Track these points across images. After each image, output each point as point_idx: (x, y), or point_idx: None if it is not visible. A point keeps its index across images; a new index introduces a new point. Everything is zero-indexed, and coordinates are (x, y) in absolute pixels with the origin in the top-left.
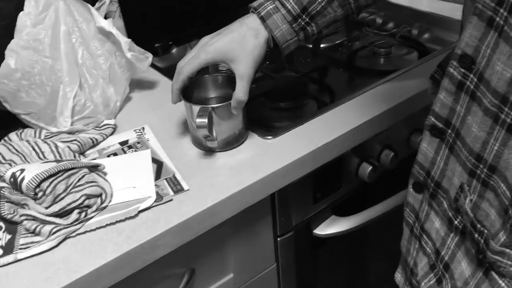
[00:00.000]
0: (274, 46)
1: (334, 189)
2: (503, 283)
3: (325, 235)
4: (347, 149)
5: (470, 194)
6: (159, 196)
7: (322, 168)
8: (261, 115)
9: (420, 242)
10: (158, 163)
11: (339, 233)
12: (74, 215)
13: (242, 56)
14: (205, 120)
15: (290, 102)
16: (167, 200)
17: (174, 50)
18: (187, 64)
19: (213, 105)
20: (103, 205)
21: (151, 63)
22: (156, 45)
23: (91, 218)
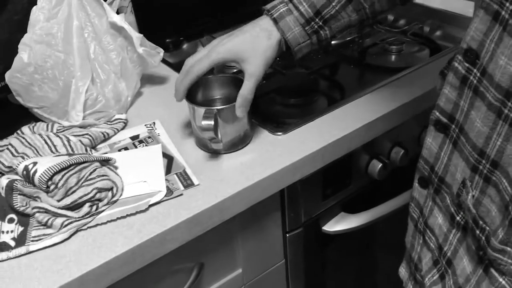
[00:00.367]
0: (286, 49)
1: (344, 186)
2: (503, 281)
3: (334, 231)
4: (357, 146)
5: (472, 190)
6: (169, 191)
7: (331, 165)
8: (271, 111)
9: (424, 237)
10: (169, 158)
11: (348, 230)
12: (85, 208)
13: (254, 57)
14: (211, 122)
15: (301, 98)
16: (177, 195)
17: (185, 45)
18: (197, 63)
19: (218, 106)
20: (114, 199)
21: (162, 59)
22: (167, 40)
23: (102, 211)
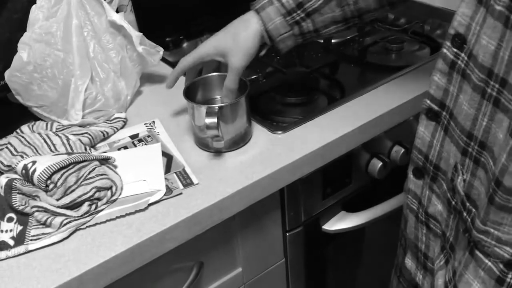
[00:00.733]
0: (271, 42)
1: (344, 185)
2: (489, 262)
3: (334, 230)
4: (357, 145)
5: (463, 173)
6: (168, 190)
7: (331, 164)
8: (271, 110)
9: (428, 226)
10: (168, 157)
11: (348, 229)
12: (84, 207)
13: (235, 49)
14: (215, 120)
15: (301, 97)
16: (176, 194)
17: (185, 44)
18: (184, 58)
19: (220, 104)
20: (113, 198)
21: (162, 57)
22: (167, 39)
23: (101, 210)
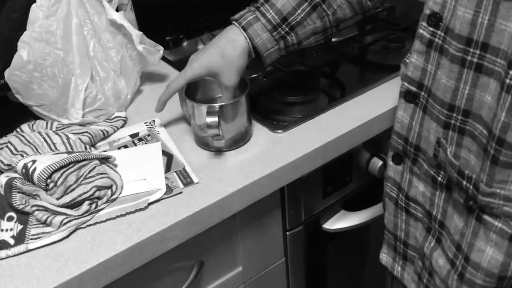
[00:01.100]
0: (256, 55)
1: (344, 183)
2: (499, 223)
3: (335, 229)
4: (358, 144)
5: (448, 145)
6: (169, 189)
7: (332, 163)
8: (272, 109)
9: (407, 211)
10: (168, 156)
11: (349, 228)
12: (84, 206)
13: (225, 69)
14: (216, 119)
15: (301, 96)
16: (176, 193)
17: (185, 43)
18: (174, 80)
19: (220, 103)
20: (113, 197)
21: (162, 56)
22: (167, 38)
23: (101, 209)
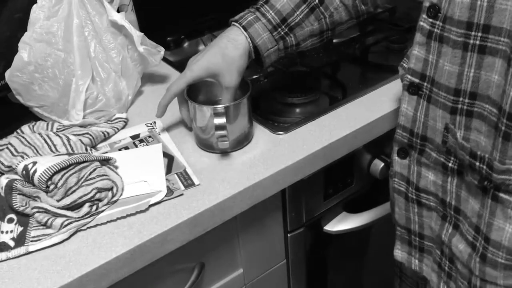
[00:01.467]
0: (255, 56)
1: (346, 185)
2: None
3: (336, 231)
4: (359, 146)
5: (457, 130)
6: (169, 191)
7: (333, 165)
8: (273, 110)
9: (419, 203)
10: (169, 157)
11: (350, 230)
12: (85, 208)
13: (226, 69)
14: (224, 120)
15: (302, 97)
16: (177, 195)
17: (186, 44)
18: (174, 83)
19: (225, 104)
20: (114, 199)
21: (163, 57)
22: (168, 39)
23: (102, 211)
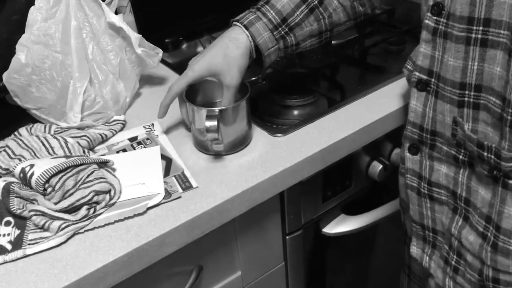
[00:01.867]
0: (256, 55)
1: (344, 187)
2: None
3: (334, 234)
4: (358, 148)
5: (465, 122)
6: (167, 193)
7: (332, 167)
8: (271, 112)
9: (431, 197)
10: (167, 160)
11: (348, 232)
12: (83, 211)
13: (227, 69)
14: (215, 123)
15: (301, 99)
16: (175, 197)
17: (184, 45)
18: (175, 83)
19: (220, 107)
20: (111, 202)
21: (161, 59)
22: (167, 40)
23: (99, 214)
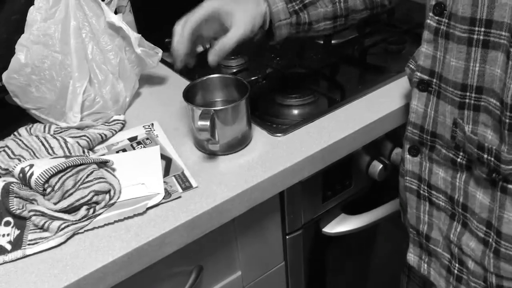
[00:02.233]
0: (269, 25)
1: (344, 187)
2: None
3: (334, 233)
4: (358, 147)
5: (465, 124)
6: (167, 193)
7: (332, 166)
8: (271, 112)
9: (430, 201)
10: (167, 160)
11: (349, 231)
12: (82, 211)
13: (243, 15)
14: (207, 123)
15: (300, 99)
16: (175, 197)
17: None
18: (190, 15)
19: (216, 107)
20: (111, 202)
21: (161, 59)
22: (166, 40)
23: (99, 214)
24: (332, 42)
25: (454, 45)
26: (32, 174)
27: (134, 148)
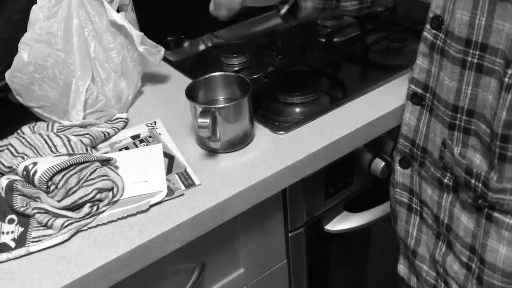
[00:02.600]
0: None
1: (346, 185)
2: (510, 220)
3: (337, 231)
4: (360, 145)
5: (454, 146)
6: (170, 191)
7: (334, 164)
8: (273, 110)
9: (421, 216)
10: (170, 157)
11: (351, 229)
12: (85, 208)
13: None
14: (207, 121)
15: (302, 96)
16: (178, 195)
17: (186, 43)
18: None
19: (217, 105)
20: (114, 199)
21: (163, 57)
22: (168, 38)
23: (102, 212)
24: (334, 40)
25: (448, 64)
26: (35, 172)
27: (137, 146)
